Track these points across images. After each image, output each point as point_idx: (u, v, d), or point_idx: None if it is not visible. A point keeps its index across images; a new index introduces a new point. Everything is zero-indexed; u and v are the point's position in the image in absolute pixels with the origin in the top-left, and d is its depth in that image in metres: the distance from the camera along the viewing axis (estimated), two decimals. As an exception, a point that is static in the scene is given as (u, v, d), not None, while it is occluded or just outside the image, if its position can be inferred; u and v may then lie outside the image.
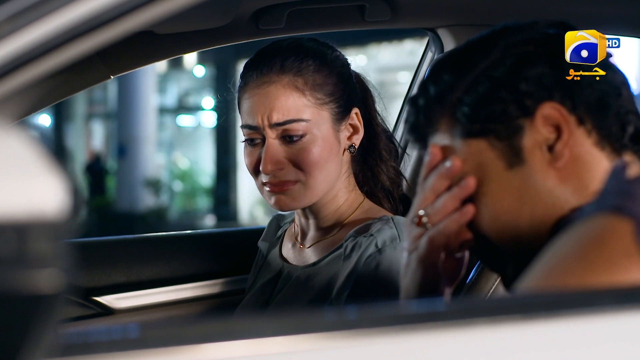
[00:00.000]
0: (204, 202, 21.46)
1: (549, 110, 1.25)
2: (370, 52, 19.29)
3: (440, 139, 1.33)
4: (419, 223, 1.35)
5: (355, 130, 2.04)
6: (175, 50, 2.33)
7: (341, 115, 2.00)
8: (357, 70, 2.17)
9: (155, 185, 18.80)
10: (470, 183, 1.29)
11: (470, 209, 1.30)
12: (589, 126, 1.26)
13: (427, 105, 1.34)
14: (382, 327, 0.96)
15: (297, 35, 2.31)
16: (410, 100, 1.38)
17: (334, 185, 2.01)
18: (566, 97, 1.26)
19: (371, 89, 2.15)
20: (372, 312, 0.99)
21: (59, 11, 1.03)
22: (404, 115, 2.70)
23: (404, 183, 2.16)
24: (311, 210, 2.06)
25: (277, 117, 1.95)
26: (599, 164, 1.26)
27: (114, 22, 1.06)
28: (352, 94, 2.04)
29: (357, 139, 2.04)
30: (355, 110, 2.03)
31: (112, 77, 2.26)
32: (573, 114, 1.26)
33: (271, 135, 1.96)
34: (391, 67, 20.07)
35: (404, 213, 2.05)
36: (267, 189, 1.99)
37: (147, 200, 18.64)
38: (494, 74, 1.28)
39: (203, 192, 21.47)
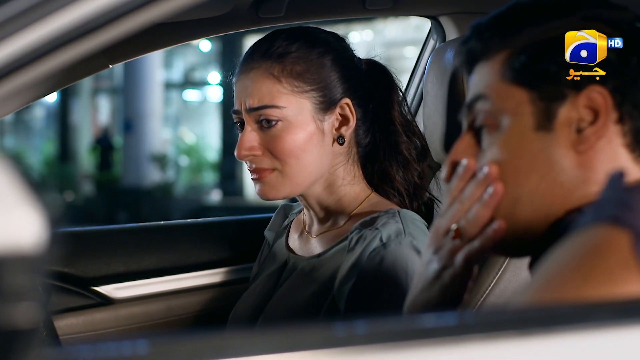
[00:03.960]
0: (210, 177, 21.49)
1: (596, 93, 1.24)
2: (376, 27, 19.25)
3: (487, 72, 1.31)
4: (456, 236, 1.34)
5: (345, 120, 2.00)
6: (175, 39, 2.31)
7: (326, 104, 1.97)
8: (375, 57, 2.14)
9: (161, 160, 18.81)
10: (498, 189, 1.27)
11: (502, 225, 1.28)
12: (627, 127, 1.25)
13: (490, 37, 1.32)
14: (376, 343, 0.95)
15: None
16: (476, 26, 1.35)
17: (321, 175, 1.99)
18: (617, 90, 1.24)
19: (395, 82, 2.11)
20: (365, 328, 0.97)
21: (64, 10, 1.02)
22: (411, 90, 2.68)
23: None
24: (309, 202, 2.04)
25: (251, 102, 1.95)
26: (621, 165, 1.24)
27: (120, 20, 1.05)
28: (345, 83, 2.00)
29: (347, 130, 2.00)
30: (346, 100, 1.99)
31: (110, 66, 2.24)
32: (617, 109, 1.24)
33: (248, 121, 1.97)
34: (397, 42, 20.02)
35: (425, 216, 2.02)
36: (251, 176, 1.99)
37: (153, 175, 18.66)
38: (563, 37, 1.26)
39: (209, 167, 21.50)
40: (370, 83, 2.07)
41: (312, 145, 1.96)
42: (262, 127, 1.96)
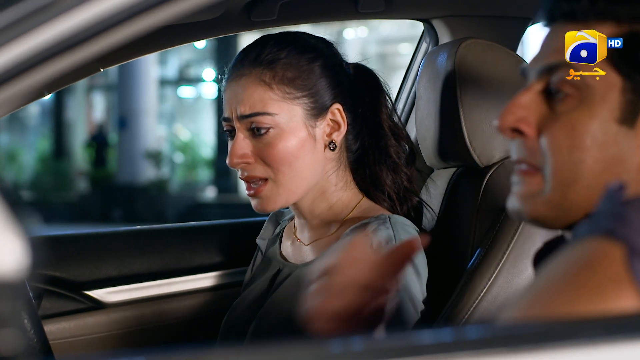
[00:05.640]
0: (204, 174, 21.48)
1: None
2: (371, 24, 19.23)
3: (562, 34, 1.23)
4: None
5: (336, 126, 2.00)
6: (166, 43, 2.30)
7: (318, 110, 1.97)
8: (363, 61, 2.13)
9: (156, 157, 18.82)
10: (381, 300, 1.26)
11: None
12: None
13: (602, 1, 1.22)
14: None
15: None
16: None
17: (314, 182, 1.98)
18: None
19: (382, 85, 2.09)
20: (361, 344, 0.96)
21: (67, 14, 1.01)
22: (403, 94, 2.67)
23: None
24: (301, 210, 2.04)
25: (242, 110, 1.94)
26: None
27: (117, 27, 1.04)
28: (335, 89, 2.00)
29: (338, 136, 1.99)
30: (337, 106, 1.99)
31: (101, 70, 2.23)
32: None
33: (239, 128, 1.96)
34: (392, 39, 20.05)
35: (414, 220, 2.02)
36: (247, 192, 1.99)
37: (148, 172, 18.67)
38: None
39: (204, 163, 21.49)
40: (358, 87, 2.06)
41: (304, 151, 1.95)
42: (253, 135, 1.94)
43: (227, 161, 1.97)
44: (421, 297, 1.85)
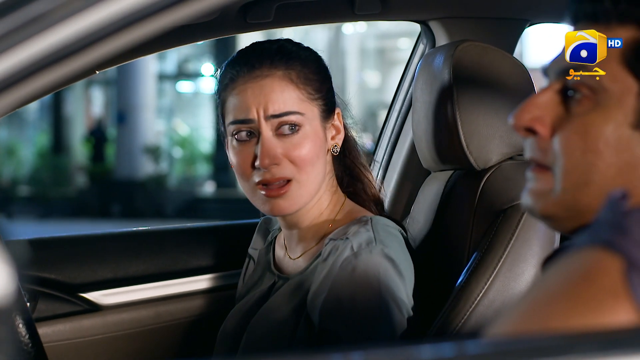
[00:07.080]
0: (203, 169, 21.49)
1: None
2: (370, 19, 19.24)
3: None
4: None
5: (337, 130, 2.03)
6: (161, 46, 2.29)
7: (327, 113, 1.99)
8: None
9: (154, 152, 18.82)
10: None
11: None
12: None
13: (626, 5, 1.19)
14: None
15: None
16: None
17: (321, 186, 1.98)
18: None
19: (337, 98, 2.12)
20: (361, 358, 0.96)
21: (67, 21, 1.01)
22: (400, 96, 2.67)
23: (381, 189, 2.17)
24: (295, 219, 2.02)
25: (273, 109, 1.91)
26: None
27: (118, 34, 1.04)
28: (334, 93, 2.04)
29: (340, 140, 2.03)
30: (338, 110, 2.03)
31: (97, 72, 2.22)
32: None
33: (266, 128, 1.92)
34: (391, 34, 20.03)
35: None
36: (263, 192, 1.93)
37: (146, 167, 18.67)
38: None
39: (203, 158, 21.49)
40: None
41: (322, 153, 1.97)
42: (280, 135, 1.92)
43: (257, 163, 1.92)
44: (406, 299, 1.85)
